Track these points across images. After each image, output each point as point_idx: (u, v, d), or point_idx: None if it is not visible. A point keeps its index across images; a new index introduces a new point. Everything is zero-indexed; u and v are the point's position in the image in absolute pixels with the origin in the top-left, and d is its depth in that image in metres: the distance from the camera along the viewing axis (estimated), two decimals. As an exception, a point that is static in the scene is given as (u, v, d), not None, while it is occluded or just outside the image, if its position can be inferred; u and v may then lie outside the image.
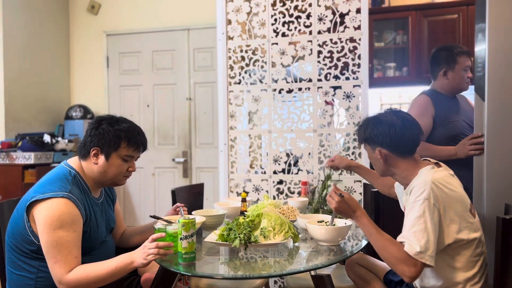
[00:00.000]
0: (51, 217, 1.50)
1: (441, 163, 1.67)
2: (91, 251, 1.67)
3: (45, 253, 1.52)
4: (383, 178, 1.99)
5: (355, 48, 2.70)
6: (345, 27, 2.71)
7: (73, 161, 1.72)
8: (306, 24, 2.77)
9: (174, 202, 2.34)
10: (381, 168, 1.67)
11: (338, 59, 2.73)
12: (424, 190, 1.47)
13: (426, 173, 1.55)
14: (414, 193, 1.50)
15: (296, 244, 1.73)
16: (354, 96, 2.71)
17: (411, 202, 1.49)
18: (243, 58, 2.89)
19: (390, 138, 1.60)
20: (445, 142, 2.38)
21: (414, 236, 1.41)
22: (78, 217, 1.56)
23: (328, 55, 2.75)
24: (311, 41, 2.77)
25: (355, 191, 2.70)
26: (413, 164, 1.63)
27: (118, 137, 1.66)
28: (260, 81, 2.87)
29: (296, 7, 2.80)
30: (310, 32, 2.77)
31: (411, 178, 1.59)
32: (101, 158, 1.67)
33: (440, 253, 1.50)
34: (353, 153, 2.73)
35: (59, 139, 3.99)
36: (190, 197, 2.67)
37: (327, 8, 2.74)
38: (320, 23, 2.75)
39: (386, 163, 1.64)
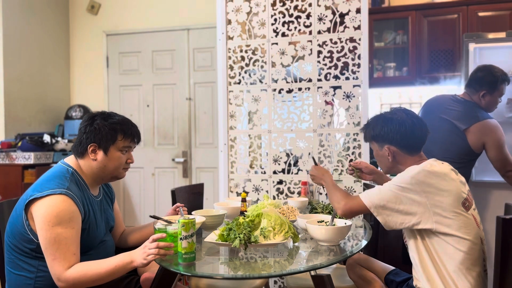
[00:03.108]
0: (49, 214, 1.51)
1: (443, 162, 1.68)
2: (90, 249, 1.67)
3: (43, 250, 1.52)
4: None
5: (355, 48, 2.70)
6: (345, 27, 2.71)
7: (70, 160, 1.73)
8: (306, 24, 2.77)
9: (174, 202, 2.34)
10: (388, 165, 1.74)
11: (338, 59, 2.73)
12: (412, 170, 1.55)
13: (425, 163, 1.60)
14: (406, 170, 1.59)
15: (296, 244, 1.73)
16: (354, 96, 2.70)
17: (400, 174, 1.59)
18: (243, 58, 2.89)
19: (401, 135, 1.66)
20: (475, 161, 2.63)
21: (373, 190, 1.58)
22: (76, 213, 1.56)
23: (328, 55, 2.75)
24: (311, 41, 2.76)
25: (355, 191, 2.70)
26: (417, 160, 1.67)
27: (114, 130, 1.68)
28: (260, 81, 2.87)
29: (296, 7, 2.79)
30: (310, 32, 2.77)
31: None
32: (100, 154, 1.67)
33: (432, 246, 1.54)
34: (353, 153, 2.73)
35: (59, 139, 3.98)
36: (190, 197, 2.67)
37: (327, 8, 2.74)
38: (320, 23, 2.75)
39: (393, 160, 1.69)
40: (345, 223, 1.77)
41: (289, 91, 2.83)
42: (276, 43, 2.81)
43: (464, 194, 1.58)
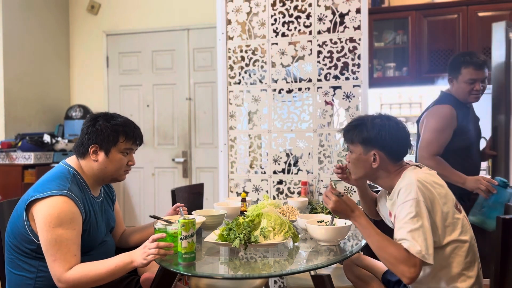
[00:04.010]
0: (50, 215, 1.51)
1: (421, 165, 1.67)
2: (90, 250, 1.67)
3: (44, 251, 1.52)
4: (372, 203, 1.91)
5: (355, 48, 2.70)
6: (345, 27, 2.71)
7: (72, 160, 1.73)
8: (306, 24, 2.77)
9: (174, 202, 2.34)
10: (367, 171, 1.64)
11: (338, 59, 2.73)
12: (411, 191, 1.47)
13: (409, 174, 1.55)
14: (401, 195, 1.49)
15: (296, 244, 1.73)
16: (354, 96, 2.70)
17: (399, 203, 1.48)
18: (243, 58, 2.89)
19: (397, 143, 1.60)
20: (455, 153, 2.36)
21: (412, 236, 1.40)
22: (77, 215, 1.56)
23: (328, 55, 2.75)
24: (311, 41, 2.76)
25: (354, 191, 2.70)
26: (399, 168, 1.63)
27: (116, 131, 1.67)
28: (260, 81, 2.87)
29: (296, 7, 2.79)
30: (310, 32, 2.77)
31: (395, 181, 1.59)
32: (101, 155, 1.67)
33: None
34: (353, 153, 2.72)
35: (59, 139, 3.99)
36: (190, 197, 2.67)
37: (327, 8, 2.74)
38: (320, 23, 2.75)
39: (378, 167, 1.61)
40: (345, 223, 1.77)
41: (289, 91, 2.82)
42: (276, 43, 2.81)
43: (453, 195, 1.57)
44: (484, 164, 3.06)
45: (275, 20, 2.82)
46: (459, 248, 1.51)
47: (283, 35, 2.81)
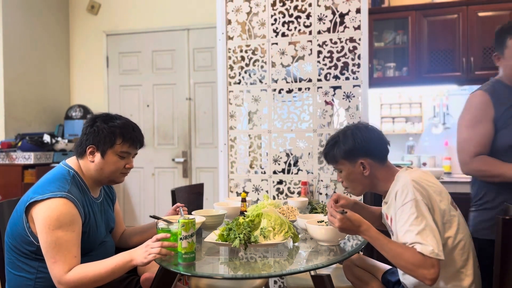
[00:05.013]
0: (50, 217, 1.50)
1: (412, 166, 1.67)
2: (90, 251, 1.67)
3: (44, 253, 1.52)
4: (377, 214, 1.85)
5: (355, 48, 2.70)
6: (345, 27, 2.71)
7: (72, 161, 1.72)
8: (306, 24, 2.77)
9: (174, 202, 2.34)
10: (363, 182, 1.64)
11: (338, 59, 2.73)
12: (408, 192, 1.47)
13: (402, 175, 1.56)
14: (399, 198, 1.49)
15: (296, 244, 1.73)
16: (354, 96, 2.70)
17: (399, 206, 1.48)
18: (243, 58, 2.89)
19: (374, 144, 1.62)
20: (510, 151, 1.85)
21: (422, 237, 1.40)
22: (76, 217, 1.56)
23: (328, 55, 2.75)
24: (311, 41, 2.76)
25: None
26: (389, 170, 1.64)
27: (113, 133, 1.66)
28: (260, 81, 2.87)
29: (296, 7, 2.79)
30: (310, 32, 2.77)
31: (389, 185, 1.60)
32: (97, 156, 1.66)
33: None
34: (353, 153, 2.72)
35: (59, 139, 3.99)
36: (190, 197, 2.67)
37: (327, 8, 2.74)
38: (320, 23, 2.75)
39: (370, 173, 1.61)
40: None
41: (289, 91, 2.82)
42: (276, 43, 2.81)
43: (447, 193, 1.58)
44: None
45: (275, 20, 2.82)
46: (456, 246, 1.51)
47: (283, 35, 2.81)
